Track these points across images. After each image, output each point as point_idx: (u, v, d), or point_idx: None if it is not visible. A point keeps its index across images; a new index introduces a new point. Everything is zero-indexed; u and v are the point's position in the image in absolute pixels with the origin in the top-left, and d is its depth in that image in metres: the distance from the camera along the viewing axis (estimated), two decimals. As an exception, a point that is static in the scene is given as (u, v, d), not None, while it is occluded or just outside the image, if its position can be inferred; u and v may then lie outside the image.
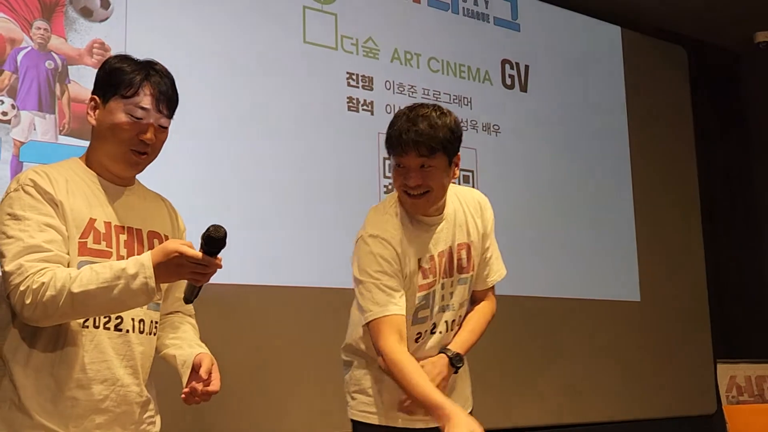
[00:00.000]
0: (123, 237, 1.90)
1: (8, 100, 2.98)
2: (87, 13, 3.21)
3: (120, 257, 1.87)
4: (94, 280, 1.71)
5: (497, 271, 2.41)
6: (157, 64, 1.96)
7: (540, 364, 4.29)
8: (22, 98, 3.01)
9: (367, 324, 2.17)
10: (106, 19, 3.24)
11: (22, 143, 2.98)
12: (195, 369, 1.93)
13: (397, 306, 2.14)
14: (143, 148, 1.89)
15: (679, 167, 5.29)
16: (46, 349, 1.80)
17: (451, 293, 2.28)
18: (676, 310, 5.01)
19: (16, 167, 2.94)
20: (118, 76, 1.89)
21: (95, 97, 1.92)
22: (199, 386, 1.90)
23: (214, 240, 1.72)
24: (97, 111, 1.90)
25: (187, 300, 1.83)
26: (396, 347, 2.11)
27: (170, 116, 1.95)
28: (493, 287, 2.43)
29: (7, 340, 1.83)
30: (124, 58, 1.95)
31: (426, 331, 2.28)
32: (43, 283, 1.70)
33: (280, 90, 3.67)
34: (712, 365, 4.97)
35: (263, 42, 3.65)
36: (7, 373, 1.81)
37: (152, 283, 1.72)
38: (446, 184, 2.22)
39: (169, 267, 1.74)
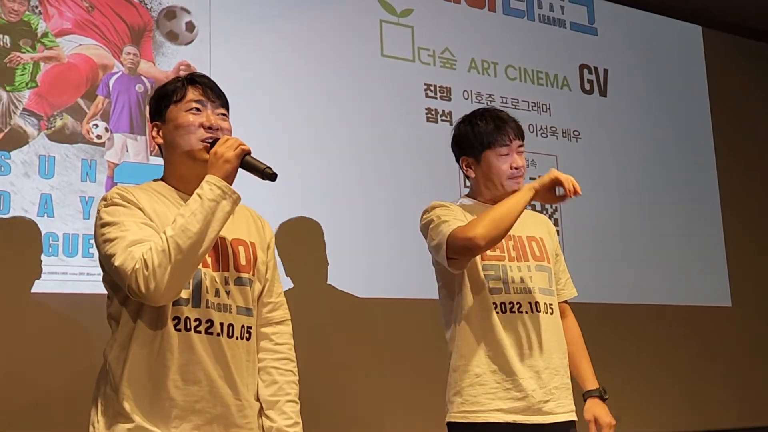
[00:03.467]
0: None
1: (102, 124, 3.10)
2: (173, 36, 3.31)
3: (207, 265, 1.93)
4: (179, 219, 1.82)
5: (570, 289, 2.62)
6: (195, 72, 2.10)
7: (629, 372, 4.21)
8: (114, 121, 3.13)
9: (446, 244, 2.30)
10: (192, 41, 3.34)
11: (116, 165, 3.09)
12: None
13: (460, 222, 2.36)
14: (213, 133, 1.97)
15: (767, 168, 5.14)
16: (142, 353, 1.86)
17: (531, 277, 2.43)
18: (770, 315, 4.86)
19: (111, 188, 3.03)
20: (165, 92, 2.03)
21: (155, 123, 2.04)
22: None
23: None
24: (161, 131, 2.02)
25: (265, 172, 1.92)
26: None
27: (224, 105, 2.04)
28: (570, 307, 2.62)
29: (112, 351, 1.90)
30: (164, 84, 2.08)
31: (502, 303, 2.38)
32: (149, 249, 1.78)
33: (360, 104, 3.71)
34: (809, 372, 4.80)
35: (343, 57, 3.71)
36: (110, 381, 1.88)
37: (221, 182, 1.86)
38: None
39: (218, 163, 1.89)
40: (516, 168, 2.46)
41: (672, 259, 4.52)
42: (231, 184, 1.89)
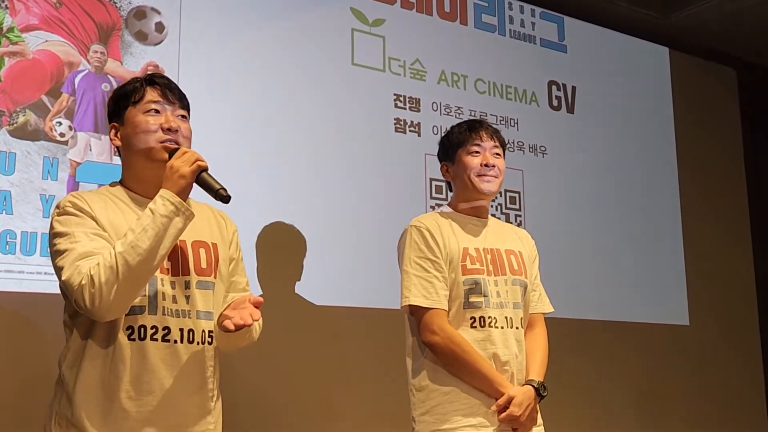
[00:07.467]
0: None
1: (66, 122, 3.06)
2: (142, 36, 3.28)
3: (165, 270, 1.92)
4: (130, 234, 1.79)
5: (546, 304, 2.61)
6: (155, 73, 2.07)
7: (584, 388, 4.24)
8: (79, 120, 3.09)
9: (416, 309, 2.35)
10: (161, 42, 3.32)
11: (79, 164, 3.05)
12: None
13: (444, 301, 2.36)
14: (172, 135, 1.95)
15: (729, 190, 5.22)
16: (96, 363, 1.84)
17: (507, 291, 2.43)
18: (727, 335, 4.92)
19: (73, 187, 3.01)
20: (123, 93, 2.01)
21: (113, 124, 2.02)
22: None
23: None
24: (118, 132, 2.00)
25: (219, 192, 1.88)
26: (455, 331, 2.34)
27: (184, 107, 2.02)
28: (543, 319, 2.59)
29: (66, 360, 1.88)
30: (123, 84, 2.06)
31: (481, 318, 2.37)
32: (97, 264, 1.77)
33: (328, 111, 3.71)
34: (763, 391, 4.87)
35: (313, 64, 3.70)
36: (65, 390, 1.86)
37: (174, 198, 1.83)
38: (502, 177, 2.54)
39: (173, 177, 1.85)
40: (487, 165, 2.46)
41: (632, 276, 4.57)
42: (185, 200, 1.86)
